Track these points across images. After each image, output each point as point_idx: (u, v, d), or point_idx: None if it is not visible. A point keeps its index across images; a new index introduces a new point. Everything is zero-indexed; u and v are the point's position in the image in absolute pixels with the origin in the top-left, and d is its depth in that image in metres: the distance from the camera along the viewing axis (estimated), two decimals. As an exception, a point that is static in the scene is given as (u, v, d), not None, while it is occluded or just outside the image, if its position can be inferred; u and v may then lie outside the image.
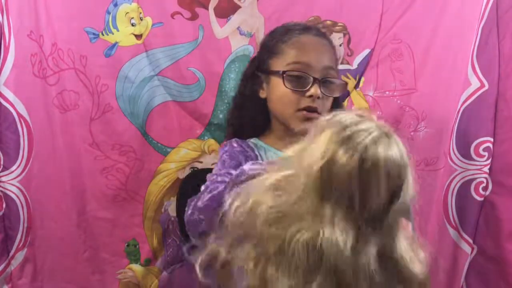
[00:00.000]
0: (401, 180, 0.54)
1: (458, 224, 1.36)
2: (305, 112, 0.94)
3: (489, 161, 1.32)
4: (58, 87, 1.21)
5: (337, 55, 1.06)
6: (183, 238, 1.25)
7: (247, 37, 1.26)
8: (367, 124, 0.55)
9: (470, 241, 1.35)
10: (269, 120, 1.03)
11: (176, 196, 1.27)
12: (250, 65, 1.07)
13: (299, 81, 0.94)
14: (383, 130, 0.55)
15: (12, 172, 1.21)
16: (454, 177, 1.35)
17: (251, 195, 0.59)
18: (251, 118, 1.03)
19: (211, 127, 1.27)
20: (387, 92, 1.30)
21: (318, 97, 0.93)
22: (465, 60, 1.30)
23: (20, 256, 1.24)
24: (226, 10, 1.25)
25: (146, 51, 1.23)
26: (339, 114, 0.57)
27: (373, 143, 0.53)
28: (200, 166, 1.28)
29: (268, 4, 1.26)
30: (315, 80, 0.93)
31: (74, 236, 1.25)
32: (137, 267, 1.30)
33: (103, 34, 1.21)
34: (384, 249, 0.56)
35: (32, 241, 1.25)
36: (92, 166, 1.24)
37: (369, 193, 0.53)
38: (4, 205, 1.22)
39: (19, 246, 1.24)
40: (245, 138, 1.02)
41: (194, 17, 1.24)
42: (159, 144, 1.27)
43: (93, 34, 1.21)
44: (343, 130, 0.55)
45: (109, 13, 1.21)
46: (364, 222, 0.55)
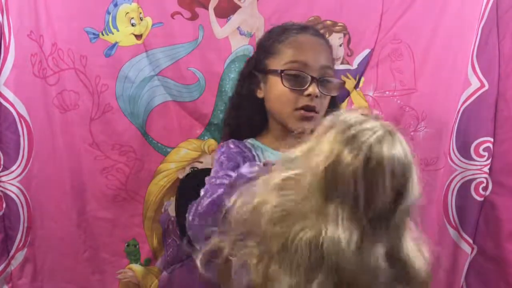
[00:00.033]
0: (405, 179, 0.54)
1: (458, 224, 1.36)
2: (303, 111, 0.94)
3: (489, 161, 1.32)
4: (58, 87, 1.21)
5: (334, 54, 1.06)
6: (182, 238, 1.25)
7: (247, 37, 1.26)
8: (371, 123, 0.55)
9: (470, 241, 1.35)
10: (266, 120, 1.02)
11: (175, 196, 1.27)
12: (247, 65, 1.07)
13: (297, 80, 0.94)
14: (387, 129, 0.55)
15: (12, 172, 1.21)
16: (454, 177, 1.35)
17: (256, 194, 0.60)
18: (248, 118, 1.03)
19: (211, 127, 1.27)
20: (387, 92, 1.30)
21: (316, 96, 0.93)
22: (465, 60, 1.30)
23: (20, 256, 1.24)
24: (226, 10, 1.25)
25: (146, 51, 1.23)
26: (343, 114, 0.57)
27: (378, 142, 0.53)
28: (200, 166, 1.28)
29: (268, 4, 1.26)
30: (313, 79, 0.93)
31: (74, 236, 1.25)
32: (137, 267, 1.30)
33: (103, 34, 1.21)
34: (391, 249, 0.56)
35: (32, 241, 1.25)
36: (92, 166, 1.24)
37: (374, 192, 0.53)
38: (4, 205, 1.22)
39: (19, 246, 1.24)
40: (242, 138, 1.02)
41: (194, 17, 1.24)
42: (159, 144, 1.27)
43: (93, 34, 1.21)
44: (348, 130, 0.54)
45: (109, 13, 1.21)
46: (370, 221, 0.54)
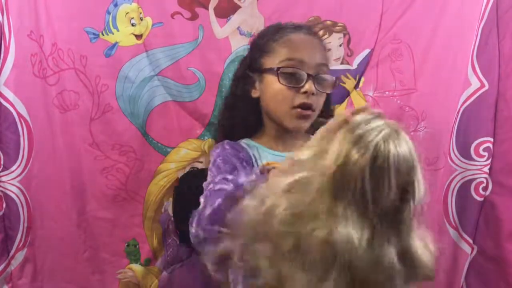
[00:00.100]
0: (410, 176, 0.56)
1: (458, 224, 1.36)
2: (300, 110, 0.94)
3: (489, 161, 1.32)
4: (58, 87, 1.21)
5: (328, 54, 1.05)
6: (180, 239, 1.26)
7: (247, 37, 1.26)
8: (377, 122, 0.56)
9: (470, 241, 1.36)
10: (260, 120, 1.02)
11: (173, 196, 1.27)
12: (241, 65, 1.07)
13: (293, 77, 0.93)
14: (393, 127, 0.56)
15: (12, 172, 1.21)
16: (454, 177, 1.35)
17: (266, 197, 0.60)
18: (243, 118, 1.03)
19: (211, 127, 1.27)
20: (387, 92, 1.30)
21: (313, 93, 0.93)
22: (465, 60, 1.30)
23: (20, 256, 1.24)
24: (226, 10, 1.25)
25: (146, 51, 1.23)
26: (352, 115, 0.59)
27: (384, 140, 0.54)
28: (200, 166, 1.28)
29: (268, 4, 1.26)
30: (309, 76, 0.93)
31: (74, 236, 1.25)
32: (137, 267, 1.30)
33: (103, 34, 1.21)
34: (400, 246, 0.57)
35: (32, 241, 1.25)
36: (92, 166, 1.24)
37: (381, 189, 0.54)
38: (4, 205, 1.22)
39: (19, 246, 1.24)
40: (236, 139, 1.01)
41: (194, 17, 1.24)
42: (159, 144, 1.27)
43: (93, 34, 1.21)
44: (355, 129, 0.56)
45: (109, 13, 1.21)
46: (379, 219, 0.55)
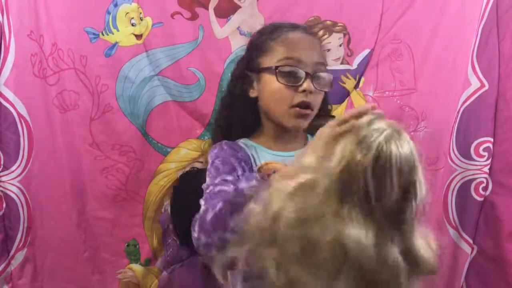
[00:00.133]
0: (412, 176, 0.56)
1: (458, 224, 1.36)
2: (298, 109, 0.94)
3: (489, 161, 1.32)
4: (58, 87, 1.21)
5: (325, 52, 1.05)
6: (179, 239, 1.26)
7: (247, 37, 1.26)
8: (379, 123, 0.57)
9: (470, 241, 1.36)
10: (258, 120, 1.02)
11: (171, 195, 1.27)
12: (239, 65, 1.07)
13: (291, 76, 0.93)
14: (394, 128, 0.57)
15: (12, 172, 1.21)
16: (454, 177, 1.35)
17: (272, 200, 0.60)
18: (241, 118, 1.03)
19: (211, 127, 1.27)
20: (387, 92, 1.30)
21: (311, 92, 0.93)
22: (465, 60, 1.30)
23: (20, 256, 1.24)
24: (226, 10, 1.25)
25: (146, 51, 1.23)
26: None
27: (386, 141, 0.55)
28: (200, 166, 1.28)
29: (268, 4, 1.26)
30: (307, 75, 0.93)
31: (74, 236, 1.25)
32: (137, 267, 1.30)
33: (103, 34, 1.21)
34: (403, 245, 0.58)
35: (32, 241, 1.25)
36: (92, 166, 1.24)
37: (383, 189, 0.55)
38: (4, 205, 1.22)
39: (19, 246, 1.24)
40: (233, 139, 1.01)
41: (194, 17, 1.24)
42: (159, 144, 1.27)
43: (93, 34, 1.21)
44: (359, 130, 0.57)
45: (109, 13, 1.21)
46: (382, 220, 0.56)
